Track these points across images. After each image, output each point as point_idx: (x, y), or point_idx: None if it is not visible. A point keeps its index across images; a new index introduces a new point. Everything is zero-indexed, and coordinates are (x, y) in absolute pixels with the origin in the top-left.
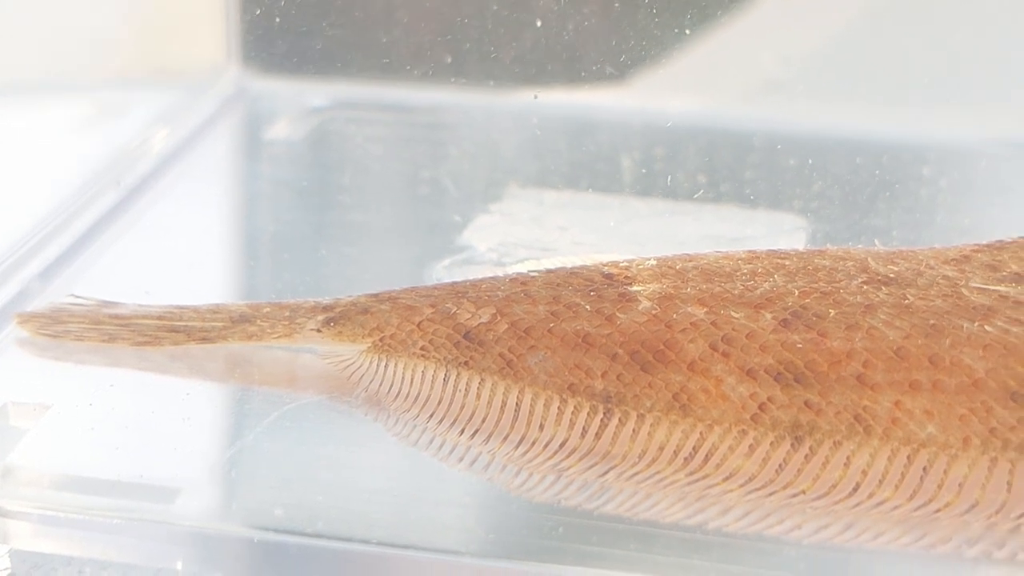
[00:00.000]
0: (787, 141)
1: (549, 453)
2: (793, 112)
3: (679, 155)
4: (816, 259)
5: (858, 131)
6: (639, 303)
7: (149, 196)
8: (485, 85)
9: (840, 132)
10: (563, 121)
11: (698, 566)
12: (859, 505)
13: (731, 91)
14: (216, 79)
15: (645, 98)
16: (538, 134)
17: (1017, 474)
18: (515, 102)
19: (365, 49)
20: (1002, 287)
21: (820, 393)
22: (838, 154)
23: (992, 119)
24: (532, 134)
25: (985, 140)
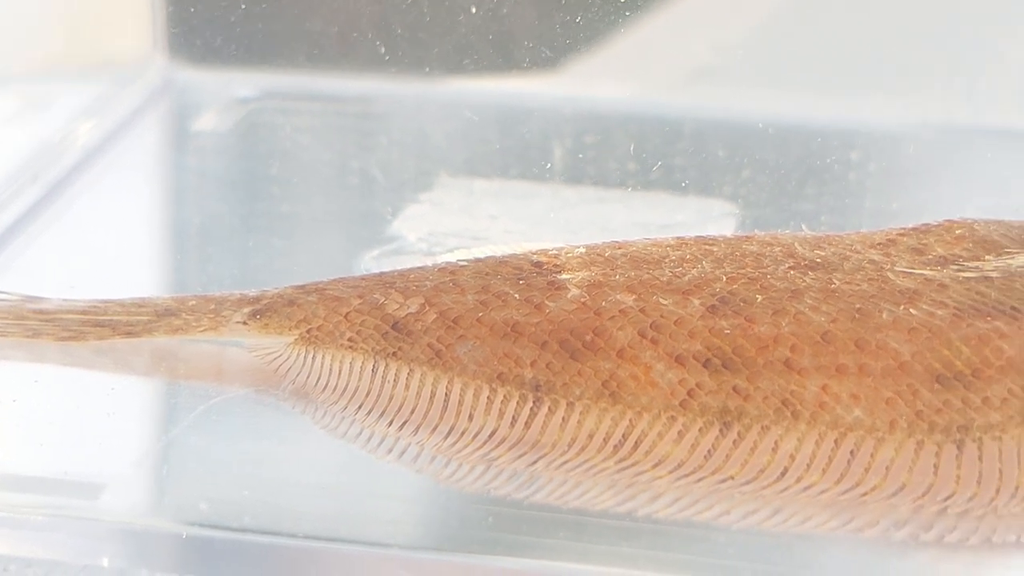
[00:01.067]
0: (717, 128)
1: (478, 443)
2: (723, 99)
3: (610, 142)
4: (744, 245)
5: (787, 117)
6: (568, 291)
7: (74, 189)
8: (415, 74)
9: (769, 118)
10: (494, 109)
11: (627, 553)
12: (787, 490)
13: (662, 78)
14: (142, 70)
15: (576, 85)
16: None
17: (943, 456)
18: (445, 91)
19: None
20: (927, 271)
21: (748, 378)
22: (767, 140)
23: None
24: (462, 123)
25: (912, 125)
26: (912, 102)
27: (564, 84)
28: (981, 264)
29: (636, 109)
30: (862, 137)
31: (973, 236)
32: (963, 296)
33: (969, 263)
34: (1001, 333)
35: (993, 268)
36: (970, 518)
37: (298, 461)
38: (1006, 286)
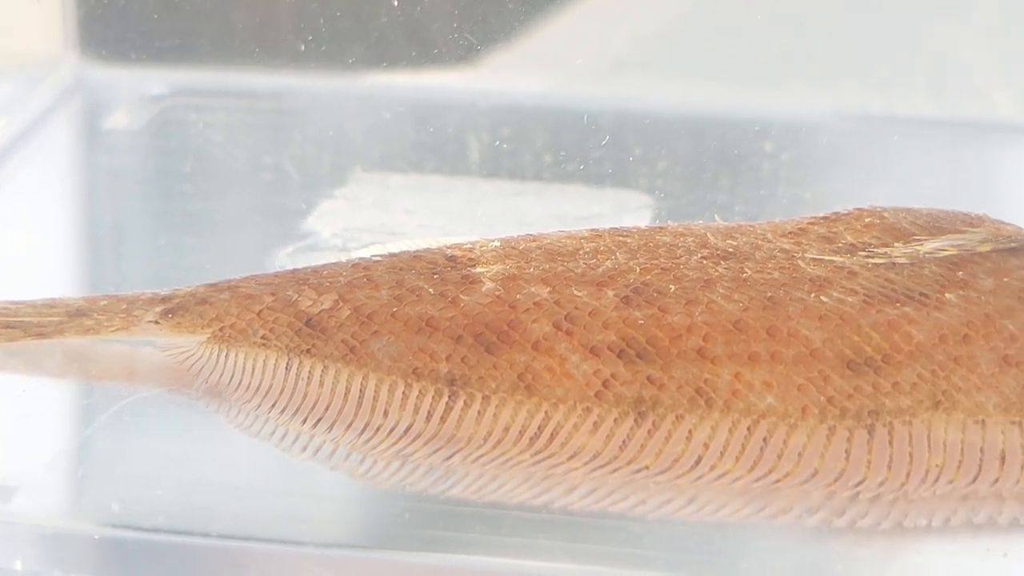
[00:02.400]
0: (634, 120)
1: (394, 439)
2: (640, 90)
3: (526, 136)
4: (657, 236)
5: (703, 108)
6: (483, 285)
7: None
8: (331, 69)
9: (685, 110)
10: (410, 104)
11: (544, 545)
12: (701, 478)
13: (579, 71)
14: (53, 69)
15: (493, 79)
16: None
17: (855, 442)
18: (361, 86)
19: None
20: (837, 258)
21: (662, 368)
22: (683, 132)
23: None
24: (378, 118)
25: (825, 115)
26: (825, 92)
27: (481, 78)
28: (889, 251)
29: (553, 102)
30: (776, 127)
31: (882, 224)
32: (872, 283)
33: (878, 250)
34: (910, 319)
35: (901, 255)
36: (882, 503)
37: (212, 460)
38: (914, 273)
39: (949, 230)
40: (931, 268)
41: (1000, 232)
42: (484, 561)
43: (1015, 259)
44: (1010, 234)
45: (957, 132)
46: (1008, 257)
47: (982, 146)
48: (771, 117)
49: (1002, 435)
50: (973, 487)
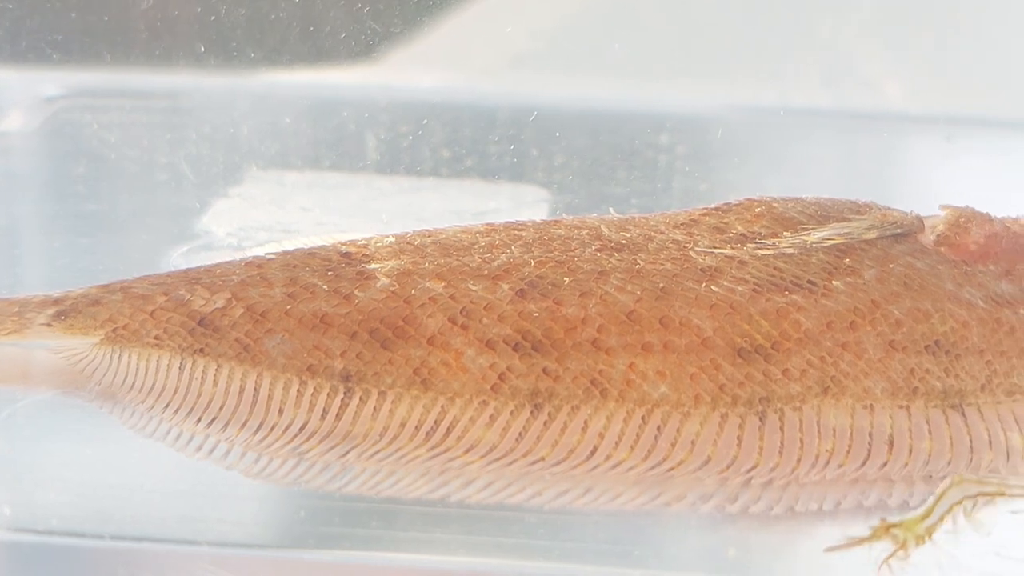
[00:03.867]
0: (530, 114)
1: (289, 437)
2: (538, 86)
3: (424, 131)
4: (552, 229)
5: (600, 103)
6: (377, 280)
7: None
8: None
9: (582, 104)
10: (307, 101)
11: (440, 539)
12: (597, 468)
13: (478, 66)
14: None
15: (391, 75)
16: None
17: (746, 429)
18: (257, 84)
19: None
20: (727, 248)
21: (557, 360)
22: (580, 126)
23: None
24: (274, 115)
25: (719, 107)
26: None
27: (379, 74)
28: (778, 241)
29: (451, 98)
30: (671, 120)
31: (771, 213)
32: (761, 272)
33: (767, 240)
34: (798, 306)
35: (789, 244)
36: (774, 488)
37: (106, 462)
38: (802, 261)
39: (836, 218)
40: (819, 256)
41: (886, 219)
42: (381, 557)
43: (900, 245)
44: (895, 220)
45: (848, 122)
46: (893, 244)
47: (873, 136)
48: (666, 110)
49: (890, 419)
50: (862, 471)
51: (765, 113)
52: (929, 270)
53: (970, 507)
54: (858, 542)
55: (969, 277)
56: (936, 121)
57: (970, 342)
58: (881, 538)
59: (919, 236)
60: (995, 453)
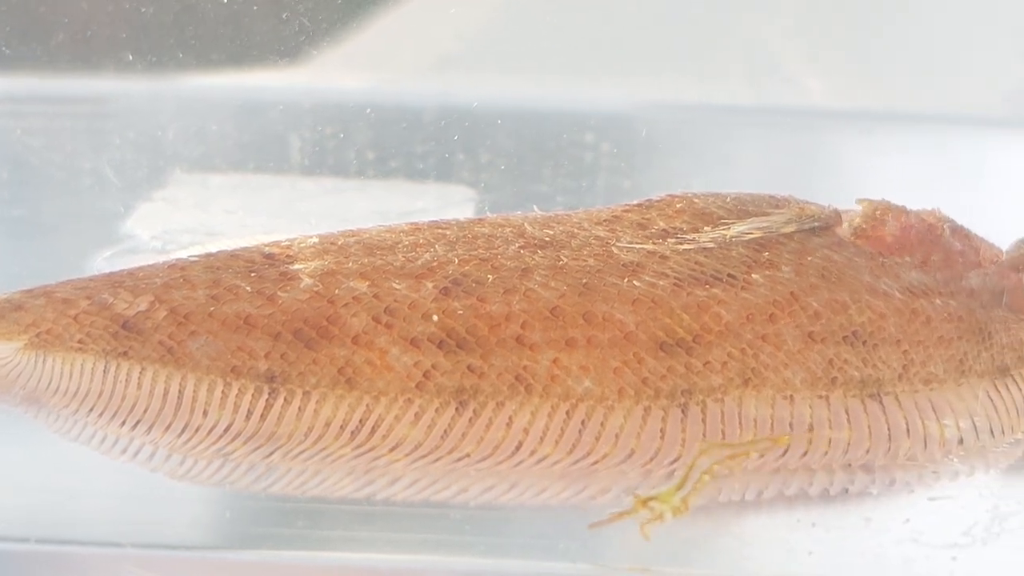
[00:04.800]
0: (457, 114)
1: (214, 438)
2: (464, 86)
3: (350, 133)
4: (476, 227)
5: (525, 102)
6: (301, 281)
7: None
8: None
9: (508, 104)
10: (232, 104)
11: (366, 537)
12: (522, 463)
13: (404, 67)
14: None
15: (317, 77)
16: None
17: (669, 421)
18: (182, 87)
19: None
20: (649, 244)
21: (482, 356)
22: (506, 125)
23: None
24: (199, 119)
25: (643, 105)
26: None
27: (305, 76)
28: (698, 235)
29: (376, 99)
30: (596, 119)
31: (692, 209)
32: (683, 266)
33: (688, 235)
34: (719, 299)
35: (709, 239)
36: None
37: (31, 466)
38: (722, 255)
39: (755, 213)
40: (738, 250)
41: (804, 213)
42: (307, 556)
43: (818, 238)
44: (813, 214)
45: (771, 118)
46: (811, 236)
47: (795, 131)
48: (591, 109)
49: (810, 409)
50: (784, 460)
51: (689, 110)
52: (846, 262)
53: (719, 472)
54: (618, 516)
55: (885, 268)
56: (856, 116)
57: (887, 332)
58: (639, 511)
59: (836, 229)
60: (912, 441)
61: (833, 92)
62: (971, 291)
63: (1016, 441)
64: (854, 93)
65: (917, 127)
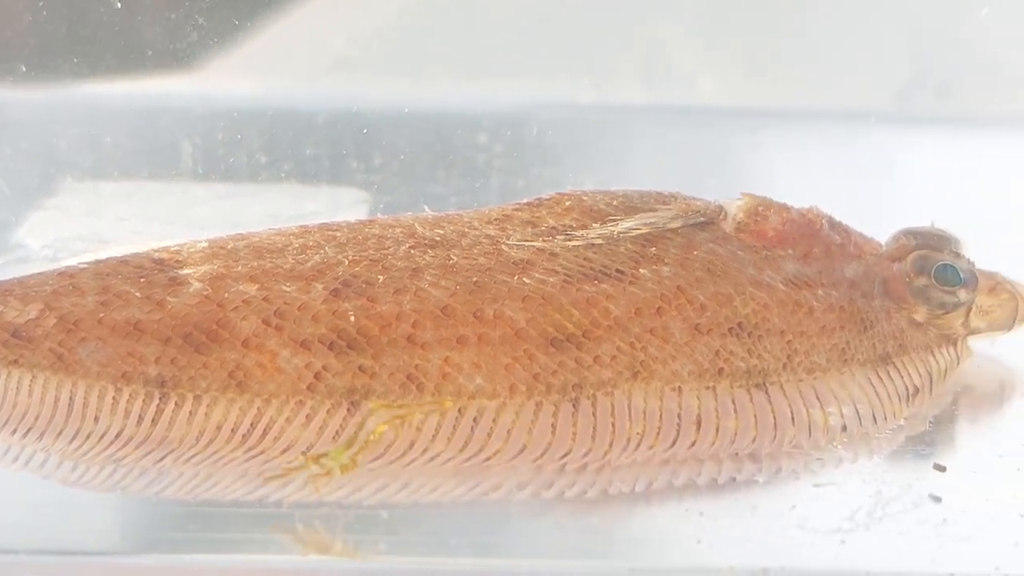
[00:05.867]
0: (350, 117)
1: (105, 444)
2: (357, 89)
3: (242, 138)
4: (366, 229)
5: (419, 104)
6: (190, 285)
7: None
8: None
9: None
10: (124, 111)
11: (258, 539)
12: (414, 462)
13: (296, 72)
14: None
15: (210, 84)
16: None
17: (560, 416)
18: (74, 95)
19: None
20: (539, 242)
21: (373, 357)
22: (399, 127)
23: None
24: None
25: (537, 105)
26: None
27: (197, 83)
28: (587, 232)
29: (269, 104)
30: (489, 120)
31: (581, 207)
32: (572, 263)
33: (577, 232)
34: (608, 295)
35: (598, 235)
36: (588, 472)
37: None
38: (611, 251)
39: (643, 209)
40: (626, 246)
41: (689, 208)
42: (201, 559)
43: (703, 233)
44: (698, 209)
45: (664, 117)
46: (697, 231)
47: (687, 129)
48: (484, 110)
49: (697, 400)
50: (672, 451)
51: (582, 110)
52: (731, 256)
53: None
54: (290, 471)
55: (769, 261)
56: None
57: (771, 323)
58: (310, 467)
59: (721, 224)
60: (797, 429)
61: (724, 91)
62: (852, 282)
63: (898, 427)
64: (745, 91)
65: (806, 124)
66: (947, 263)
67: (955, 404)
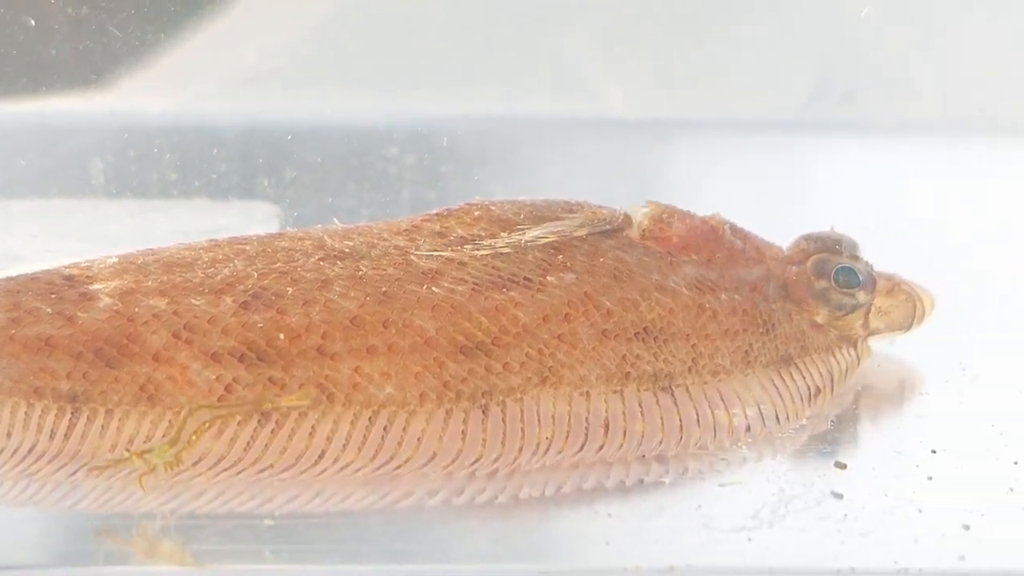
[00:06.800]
0: (261, 133)
1: (18, 459)
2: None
3: (153, 154)
4: (276, 242)
5: (330, 118)
6: (100, 301)
7: None
8: None
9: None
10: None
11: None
12: (325, 471)
13: (207, 88)
14: None
15: (121, 100)
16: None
17: (470, 423)
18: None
19: None
20: (447, 251)
21: (283, 368)
22: (310, 141)
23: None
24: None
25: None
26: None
27: (109, 100)
28: (495, 241)
29: (180, 120)
30: (400, 133)
31: (489, 216)
32: (480, 272)
33: (485, 241)
34: (516, 302)
35: (506, 244)
36: (498, 478)
37: None
38: (519, 259)
39: (550, 218)
40: (534, 254)
41: (596, 216)
42: (111, 571)
43: (610, 240)
44: (604, 217)
45: (573, 129)
46: (603, 239)
47: (597, 140)
48: (396, 123)
49: (605, 404)
50: (581, 455)
51: (493, 123)
52: (636, 262)
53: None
54: (115, 464)
55: (674, 267)
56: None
57: (676, 327)
58: (135, 463)
59: (627, 231)
60: (703, 430)
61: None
62: (754, 285)
63: (800, 426)
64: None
65: (714, 134)
66: (846, 266)
67: (856, 403)
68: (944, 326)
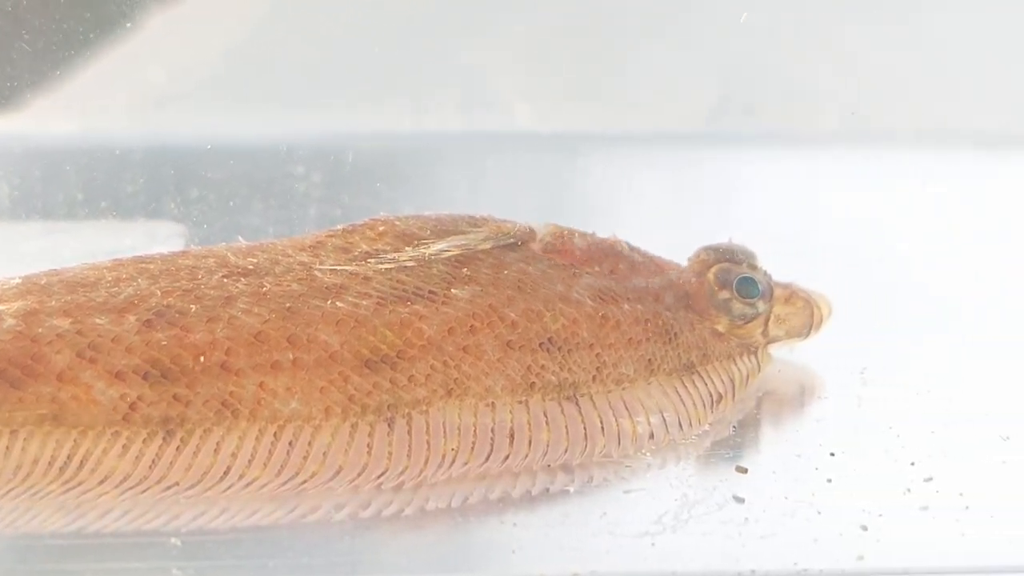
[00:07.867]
0: (168, 153)
1: None
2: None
3: (59, 176)
4: (179, 260)
5: (236, 138)
6: (3, 322)
7: None
8: None
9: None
10: None
11: (74, 569)
12: (231, 488)
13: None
14: None
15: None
16: None
17: (376, 436)
18: None
19: None
20: (351, 266)
21: (187, 385)
22: (215, 160)
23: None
24: None
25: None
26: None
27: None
28: (399, 255)
29: (87, 142)
30: (305, 150)
31: (393, 231)
32: (385, 286)
33: (389, 255)
34: (420, 315)
35: (410, 258)
36: (404, 491)
37: None
38: (423, 272)
39: (454, 232)
40: (439, 267)
41: (500, 230)
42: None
43: (513, 252)
44: (508, 231)
45: (480, 143)
46: (508, 251)
47: (505, 155)
48: (301, 141)
49: (510, 414)
50: (487, 466)
51: (400, 139)
52: (540, 274)
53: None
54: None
55: (577, 278)
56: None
57: (580, 337)
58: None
59: (531, 244)
60: (607, 438)
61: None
62: (656, 296)
63: (703, 432)
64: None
65: (622, 147)
66: (746, 276)
67: (758, 408)
68: (842, 332)
